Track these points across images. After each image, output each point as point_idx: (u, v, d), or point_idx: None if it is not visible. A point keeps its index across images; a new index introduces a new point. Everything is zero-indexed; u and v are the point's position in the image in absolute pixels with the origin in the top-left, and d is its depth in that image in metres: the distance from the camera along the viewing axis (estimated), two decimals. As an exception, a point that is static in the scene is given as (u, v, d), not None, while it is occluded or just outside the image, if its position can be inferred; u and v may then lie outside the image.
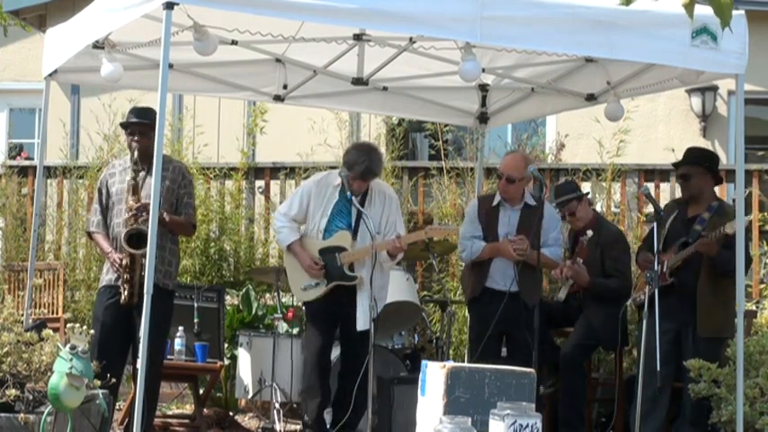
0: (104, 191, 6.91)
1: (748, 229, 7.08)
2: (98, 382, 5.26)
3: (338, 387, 7.10)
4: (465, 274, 7.60)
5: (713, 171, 7.02)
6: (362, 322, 6.83)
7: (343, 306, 6.95)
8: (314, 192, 7.09)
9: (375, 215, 6.98)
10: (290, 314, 8.10)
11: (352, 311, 6.91)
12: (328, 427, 7.08)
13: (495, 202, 7.36)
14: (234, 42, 7.03)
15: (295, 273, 7.08)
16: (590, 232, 7.38)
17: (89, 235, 7.07)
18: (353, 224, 7.00)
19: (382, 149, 10.15)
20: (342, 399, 7.00)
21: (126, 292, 6.63)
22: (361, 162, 6.91)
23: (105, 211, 6.88)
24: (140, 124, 6.84)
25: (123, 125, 7.08)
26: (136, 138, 6.85)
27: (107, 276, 6.82)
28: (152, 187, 5.56)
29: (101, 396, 5.28)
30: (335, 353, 7.40)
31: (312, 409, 7.06)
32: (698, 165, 6.97)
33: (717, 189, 9.52)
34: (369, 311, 6.64)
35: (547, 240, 7.14)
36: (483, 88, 8.24)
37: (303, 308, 7.39)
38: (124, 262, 6.64)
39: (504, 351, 7.31)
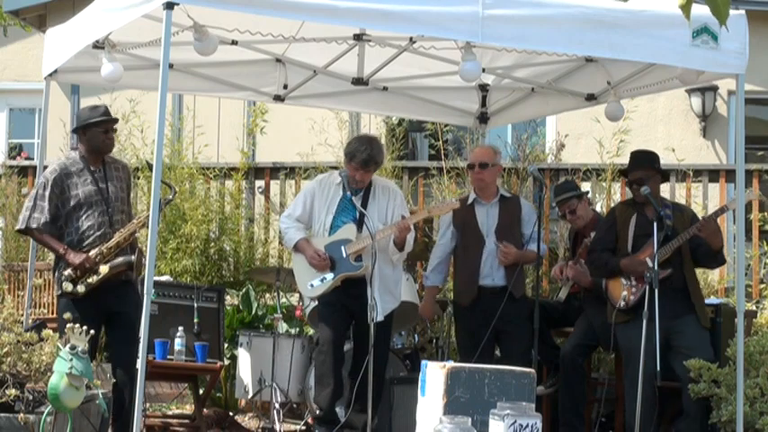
0: (58, 191, 6.59)
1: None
2: (98, 382, 5.26)
3: (349, 386, 7.06)
4: (454, 276, 7.59)
5: (660, 171, 7.08)
6: (371, 316, 6.81)
7: (354, 301, 6.91)
8: (317, 191, 7.09)
9: (380, 208, 6.97)
10: (297, 312, 8.06)
11: (363, 306, 6.86)
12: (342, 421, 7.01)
13: (469, 201, 7.40)
14: (234, 42, 7.03)
15: (302, 271, 7.05)
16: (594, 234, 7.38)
17: (28, 231, 6.73)
18: (358, 218, 6.98)
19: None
20: (351, 398, 6.97)
21: (82, 286, 6.54)
22: (363, 150, 6.90)
23: (55, 212, 6.60)
24: (115, 120, 6.82)
25: (97, 123, 6.68)
26: (111, 135, 6.73)
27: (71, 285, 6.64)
28: (152, 189, 5.56)
29: (100, 396, 5.29)
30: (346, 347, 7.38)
31: (324, 398, 6.97)
32: (650, 167, 6.99)
33: (717, 188, 9.67)
34: (374, 306, 6.66)
35: (532, 234, 7.21)
36: (483, 88, 8.25)
37: (307, 307, 7.37)
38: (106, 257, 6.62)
39: (497, 351, 7.34)
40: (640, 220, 6.87)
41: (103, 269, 6.56)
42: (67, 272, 6.58)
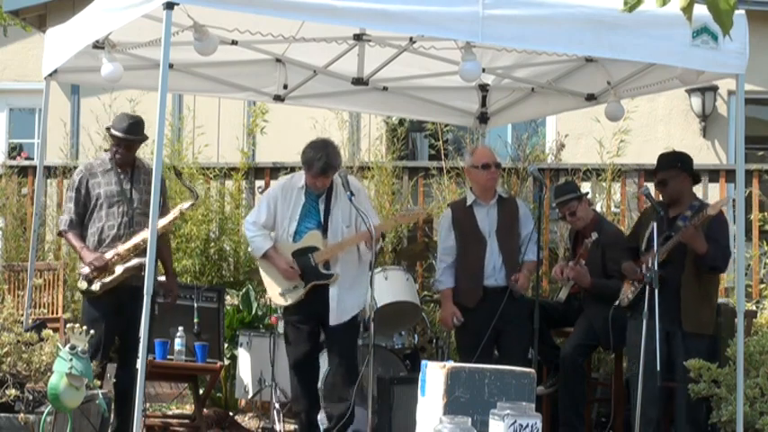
0: (83, 191, 6.87)
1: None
2: (98, 382, 5.27)
3: (332, 384, 7.08)
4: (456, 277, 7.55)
5: (688, 171, 7.04)
6: (335, 317, 6.89)
7: (321, 305, 6.93)
8: (279, 196, 7.05)
9: (344, 210, 6.96)
10: (273, 320, 8.01)
11: (328, 309, 6.91)
12: (324, 427, 7.06)
13: (468, 203, 7.40)
14: (234, 42, 7.03)
15: (272, 279, 7.04)
16: (595, 234, 7.37)
17: (60, 234, 7.12)
18: (323, 223, 6.99)
19: (383, 149, 10.19)
20: (337, 396, 6.98)
21: (97, 285, 6.67)
22: (319, 158, 6.87)
23: (83, 211, 6.88)
24: (136, 141, 6.93)
25: (117, 138, 6.89)
26: (122, 150, 6.88)
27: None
28: (152, 191, 5.56)
29: (100, 396, 5.29)
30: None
31: (300, 417, 7.13)
32: (672, 167, 6.97)
33: (717, 188, 9.67)
34: (344, 305, 6.78)
35: (530, 235, 7.23)
36: (483, 88, 8.25)
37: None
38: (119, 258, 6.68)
39: (495, 353, 7.34)
40: (660, 221, 6.85)
41: (118, 270, 6.69)
42: (85, 271, 6.77)
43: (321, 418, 7.12)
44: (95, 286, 6.71)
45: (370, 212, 7.05)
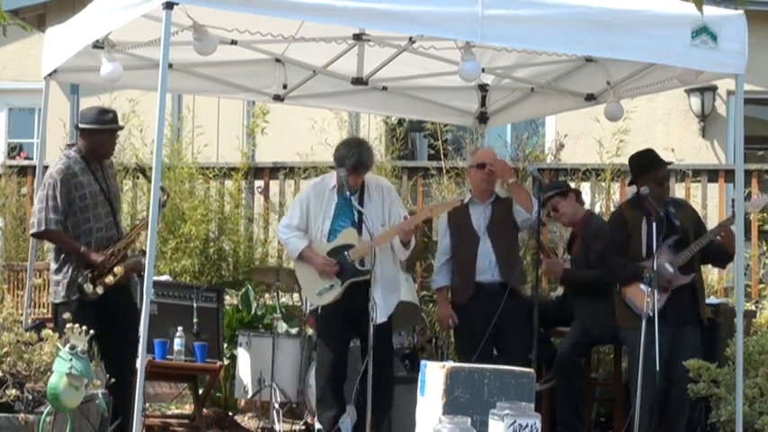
0: (65, 191, 6.54)
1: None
2: (98, 382, 5.26)
3: (359, 389, 6.92)
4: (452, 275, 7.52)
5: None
6: (379, 315, 6.74)
7: (357, 306, 6.84)
8: (312, 197, 7.05)
9: (376, 208, 6.96)
10: (311, 321, 7.86)
11: (367, 309, 6.78)
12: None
13: (465, 201, 7.43)
14: (234, 42, 7.04)
15: (309, 279, 7.01)
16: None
17: (47, 233, 6.62)
18: (357, 221, 6.96)
19: (382, 149, 10.19)
20: (363, 401, 6.89)
21: (100, 287, 6.54)
22: (351, 155, 6.87)
23: (66, 211, 6.56)
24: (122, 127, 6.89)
25: (112, 130, 6.75)
26: (113, 142, 6.79)
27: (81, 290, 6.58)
28: (152, 189, 5.56)
29: (100, 396, 5.29)
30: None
31: (327, 420, 6.98)
32: (666, 165, 7.02)
33: (716, 188, 9.69)
34: (374, 307, 6.61)
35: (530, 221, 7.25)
36: (483, 88, 8.25)
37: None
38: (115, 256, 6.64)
39: (494, 351, 7.34)
40: (658, 222, 6.79)
41: (118, 270, 6.58)
42: (85, 272, 6.56)
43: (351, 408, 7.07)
44: (99, 289, 6.52)
45: (401, 211, 7.05)
